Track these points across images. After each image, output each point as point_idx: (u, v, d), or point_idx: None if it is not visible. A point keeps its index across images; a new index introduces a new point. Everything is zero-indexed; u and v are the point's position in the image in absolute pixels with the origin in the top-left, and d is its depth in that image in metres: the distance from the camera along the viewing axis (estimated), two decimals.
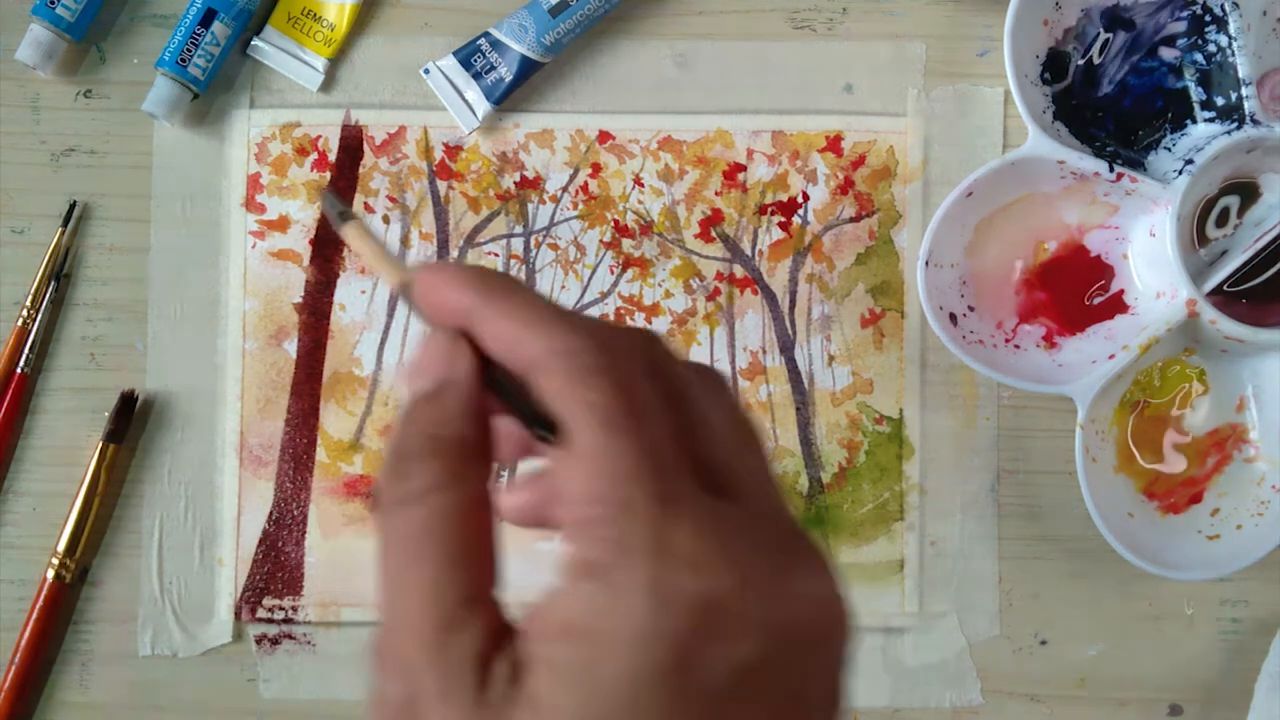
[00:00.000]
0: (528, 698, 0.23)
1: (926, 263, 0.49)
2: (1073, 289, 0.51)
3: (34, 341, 0.51)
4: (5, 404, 0.51)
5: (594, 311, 0.52)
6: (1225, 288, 0.49)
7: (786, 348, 0.52)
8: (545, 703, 0.23)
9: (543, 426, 0.26)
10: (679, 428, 0.26)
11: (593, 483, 0.24)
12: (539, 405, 0.26)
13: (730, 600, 0.24)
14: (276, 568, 0.51)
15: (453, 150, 0.52)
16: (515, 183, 0.52)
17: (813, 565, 0.26)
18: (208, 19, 0.50)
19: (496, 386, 0.27)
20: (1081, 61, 0.50)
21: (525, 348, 0.26)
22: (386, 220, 0.52)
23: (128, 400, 0.50)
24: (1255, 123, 0.48)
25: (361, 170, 0.52)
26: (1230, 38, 0.49)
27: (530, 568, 0.52)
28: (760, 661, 0.24)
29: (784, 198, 0.52)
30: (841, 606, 0.26)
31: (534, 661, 0.24)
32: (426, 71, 0.51)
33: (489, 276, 0.27)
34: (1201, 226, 0.50)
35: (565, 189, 0.52)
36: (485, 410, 0.27)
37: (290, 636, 0.51)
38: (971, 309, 0.50)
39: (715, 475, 0.26)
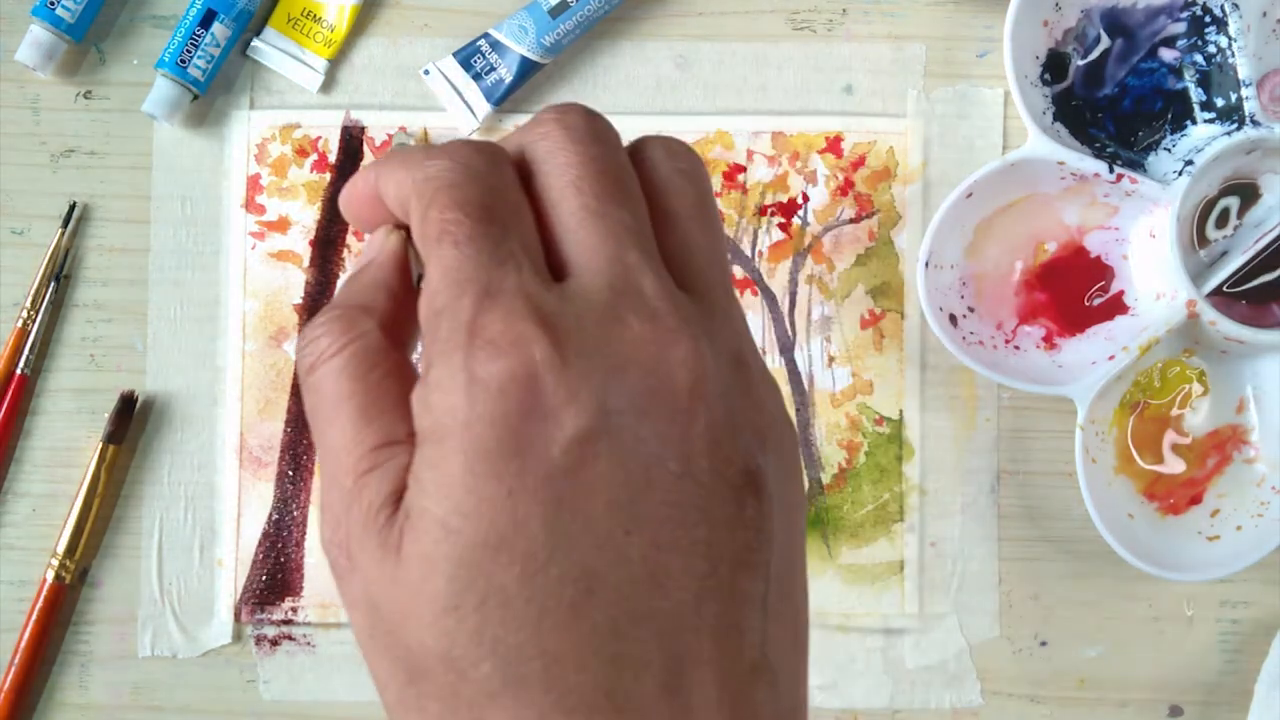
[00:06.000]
0: (405, 513, 0.24)
1: (926, 264, 0.49)
2: (1072, 290, 0.51)
3: (34, 343, 0.51)
4: (5, 405, 0.51)
5: None
6: (1225, 289, 0.49)
7: (786, 349, 0.52)
8: (415, 513, 0.24)
9: None
10: (531, 223, 0.26)
11: (430, 294, 0.25)
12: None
13: (546, 374, 0.23)
14: (276, 569, 0.51)
15: None
16: None
17: (648, 322, 0.24)
18: (208, 20, 0.50)
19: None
20: (1081, 62, 0.50)
21: (405, 188, 0.26)
22: None
23: (127, 401, 0.50)
24: (1255, 124, 0.48)
25: None
26: (1230, 39, 0.49)
27: None
28: (594, 433, 0.23)
29: (784, 199, 0.52)
30: (686, 365, 0.24)
31: (409, 478, 0.24)
32: (426, 72, 0.51)
33: (388, 153, 0.28)
34: (1201, 228, 0.50)
35: None
36: (405, 290, 0.28)
37: (290, 638, 0.51)
38: (971, 310, 0.50)
39: (557, 255, 0.26)
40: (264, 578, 0.51)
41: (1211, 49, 0.49)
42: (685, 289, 0.26)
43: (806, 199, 0.52)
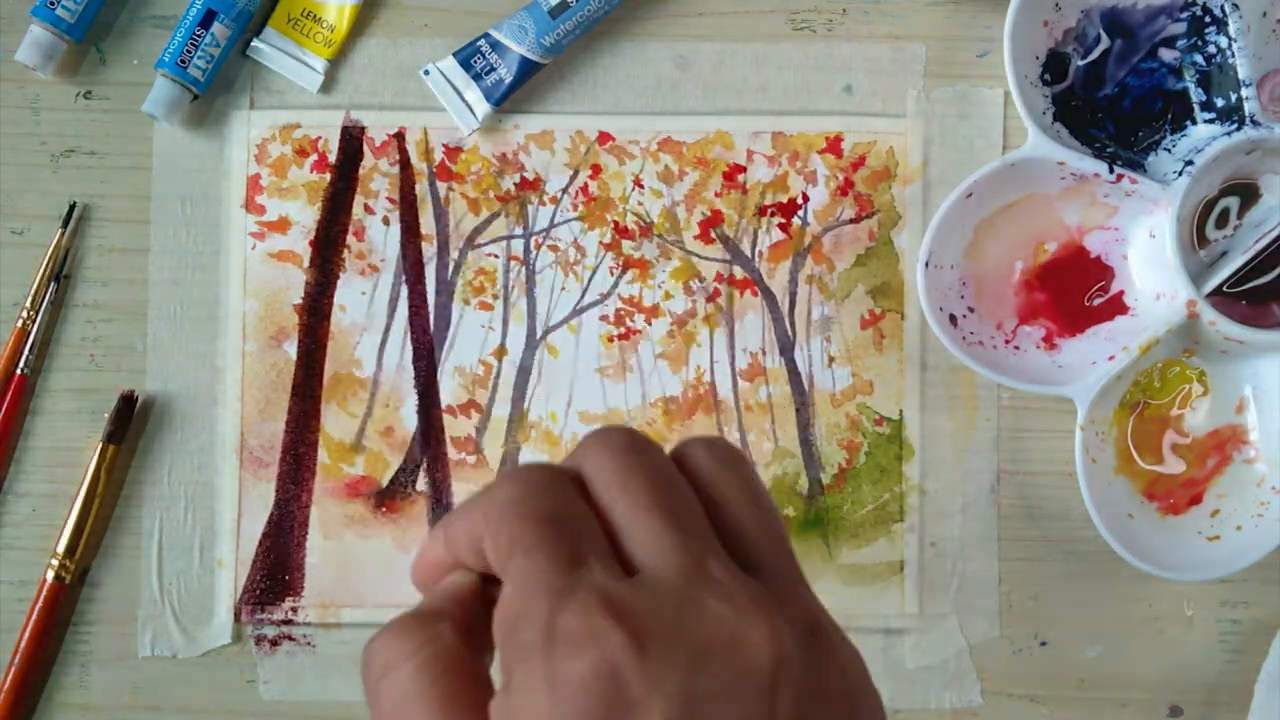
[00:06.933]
0: None
1: (926, 264, 0.49)
2: (1072, 290, 0.51)
3: (34, 343, 0.51)
4: (5, 405, 0.51)
5: (594, 312, 0.52)
6: (1225, 289, 0.49)
7: (786, 349, 0.52)
8: None
9: None
10: (595, 527, 0.26)
11: (505, 604, 0.25)
12: None
13: (627, 665, 0.23)
14: (276, 569, 0.51)
15: (453, 151, 0.52)
16: (515, 184, 0.52)
17: (725, 603, 0.25)
18: (208, 20, 0.50)
19: None
20: (1081, 62, 0.50)
21: (476, 526, 0.27)
22: (387, 222, 0.52)
23: (127, 401, 0.50)
24: (1255, 124, 0.48)
25: (361, 172, 0.52)
26: (1230, 39, 0.49)
27: None
28: (681, 716, 0.23)
29: (784, 199, 0.52)
30: (766, 641, 0.24)
31: None
32: (426, 73, 0.51)
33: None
34: (1201, 228, 0.50)
35: (565, 190, 0.52)
36: (476, 604, 0.28)
37: (290, 638, 0.51)
38: (971, 310, 0.50)
39: (623, 556, 0.26)
40: (264, 578, 0.51)
41: (1211, 49, 0.49)
42: (748, 569, 0.26)
43: (806, 199, 0.52)
